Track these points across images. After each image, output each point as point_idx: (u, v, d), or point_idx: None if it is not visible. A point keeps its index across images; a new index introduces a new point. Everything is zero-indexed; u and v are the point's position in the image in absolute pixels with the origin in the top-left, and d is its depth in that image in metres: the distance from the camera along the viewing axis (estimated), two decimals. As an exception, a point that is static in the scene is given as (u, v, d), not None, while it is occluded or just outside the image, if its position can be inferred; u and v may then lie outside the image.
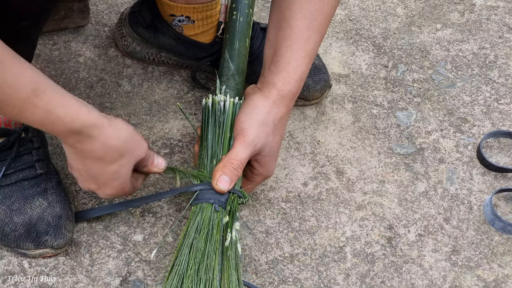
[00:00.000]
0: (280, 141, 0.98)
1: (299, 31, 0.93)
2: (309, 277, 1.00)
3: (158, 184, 1.09)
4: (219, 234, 0.90)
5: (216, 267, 0.87)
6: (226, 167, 0.92)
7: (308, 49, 0.94)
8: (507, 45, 1.39)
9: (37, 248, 0.96)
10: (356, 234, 1.06)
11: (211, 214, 0.91)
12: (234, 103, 0.98)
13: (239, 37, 1.05)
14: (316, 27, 0.93)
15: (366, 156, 1.17)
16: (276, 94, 0.94)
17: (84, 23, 1.32)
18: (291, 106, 0.97)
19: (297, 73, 0.94)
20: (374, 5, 1.46)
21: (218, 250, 0.88)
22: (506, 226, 1.06)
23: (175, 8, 1.17)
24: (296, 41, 0.93)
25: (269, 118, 0.94)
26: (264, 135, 0.94)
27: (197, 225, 0.90)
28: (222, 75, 1.03)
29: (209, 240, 0.89)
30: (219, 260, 0.88)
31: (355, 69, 1.31)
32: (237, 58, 1.04)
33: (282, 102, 0.95)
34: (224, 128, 0.97)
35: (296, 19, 0.93)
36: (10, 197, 0.97)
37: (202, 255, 0.88)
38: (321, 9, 0.93)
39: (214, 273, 0.86)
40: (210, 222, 0.90)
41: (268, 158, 0.96)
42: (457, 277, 1.02)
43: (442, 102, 1.27)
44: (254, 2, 1.10)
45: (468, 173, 1.15)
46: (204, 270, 0.87)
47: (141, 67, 1.26)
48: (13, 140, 0.99)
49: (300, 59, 0.94)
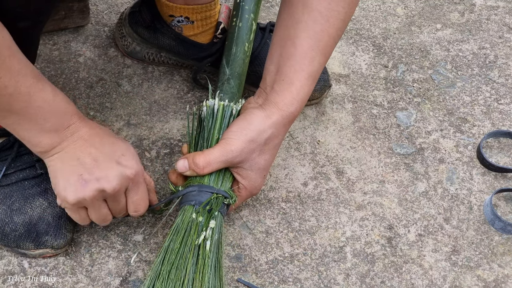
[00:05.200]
0: (271, 160, 0.96)
1: (303, 51, 0.92)
2: (309, 277, 1.00)
3: (158, 184, 1.09)
4: (196, 234, 0.90)
5: (189, 267, 0.87)
6: (191, 157, 0.93)
7: (311, 71, 0.93)
8: (507, 45, 1.39)
9: (37, 248, 0.96)
10: (356, 234, 1.06)
11: (191, 215, 0.91)
12: (224, 106, 0.98)
13: (237, 42, 1.06)
14: (320, 49, 0.92)
15: (366, 156, 1.17)
16: (277, 115, 0.93)
17: (84, 23, 1.32)
18: (290, 126, 0.96)
19: (300, 95, 0.93)
20: (374, 5, 1.46)
21: (193, 250, 0.89)
22: (506, 226, 1.06)
23: (174, 8, 1.17)
24: (300, 61, 0.92)
25: (261, 137, 0.93)
26: (248, 151, 0.93)
27: (176, 227, 0.91)
28: (219, 81, 1.04)
29: (185, 241, 0.89)
30: (194, 260, 0.88)
31: (355, 69, 1.31)
32: (233, 63, 1.05)
33: (281, 123, 0.94)
34: (212, 130, 0.97)
35: (301, 38, 0.92)
36: (11, 197, 0.97)
37: (176, 256, 0.88)
38: (326, 30, 0.92)
39: (187, 273, 0.87)
40: (189, 223, 0.91)
41: (249, 172, 0.95)
42: (457, 277, 1.02)
43: (442, 102, 1.27)
44: (258, 7, 1.10)
45: (468, 173, 1.15)
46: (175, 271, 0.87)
47: (141, 67, 1.26)
48: (14, 140, 0.99)
49: (303, 80, 0.93)
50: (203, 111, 0.98)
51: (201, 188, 0.93)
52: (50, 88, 0.83)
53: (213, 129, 0.97)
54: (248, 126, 0.93)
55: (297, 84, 0.93)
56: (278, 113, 0.93)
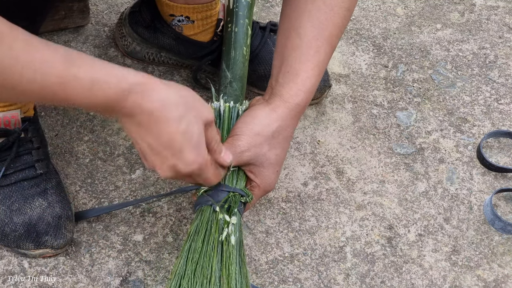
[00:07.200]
0: (282, 154, 0.93)
1: (308, 41, 0.90)
2: (309, 277, 1.00)
3: (158, 184, 1.09)
4: (217, 232, 0.90)
5: (214, 265, 0.87)
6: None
7: (317, 60, 0.90)
8: (507, 45, 1.39)
9: (37, 248, 0.96)
10: (356, 234, 1.06)
11: (210, 215, 0.91)
12: (230, 107, 0.98)
13: (235, 46, 1.06)
14: (326, 38, 0.90)
15: (366, 156, 1.17)
16: (283, 107, 0.91)
17: (84, 23, 1.32)
18: (298, 118, 0.93)
19: (306, 85, 0.90)
20: (374, 5, 1.46)
21: (217, 247, 0.89)
22: (506, 226, 1.06)
23: (175, 8, 1.17)
24: (305, 51, 0.90)
25: (268, 130, 0.90)
26: (256, 145, 0.90)
27: (196, 227, 0.91)
28: (221, 85, 1.04)
29: (207, 240, 0.89)
30: (219, 258, 0.88)
31: (355, 69, 1.31)
32: (234, 66, 1.05)
33: (288, 115, 0.91)
34: (221, 131, 0.97)
35: (306, 28, 0.90)
36: (10, 198, 0.97)
37: (200, 255, 0.88)
38: (331, 19, 0.90)
39: (213, 271, 0.87)
40: (209, 222, 0.91)
41: (262, 169, 0.93)
42: (457, 277, 1.02)
43: (442, 102, 1.27)
44: (252, 12, 1.10)
45: (468, 173, 1.15)
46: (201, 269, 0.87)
47: (141, 67, 1.26)
48: (13, 140, 0.98)
49: (309, 70, 0.90)
50: None
51: (218, 187, 0.93)
52: (87, 75, 0.71)
53: (221, 130, 0.97)
54: (252, 121, 0.91)
55: (302, 75, 0.90)
56: (283, 105, 0.90)
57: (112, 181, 1.08)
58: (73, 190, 1.07)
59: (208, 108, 0.81)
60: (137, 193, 1.07)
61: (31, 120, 1.01)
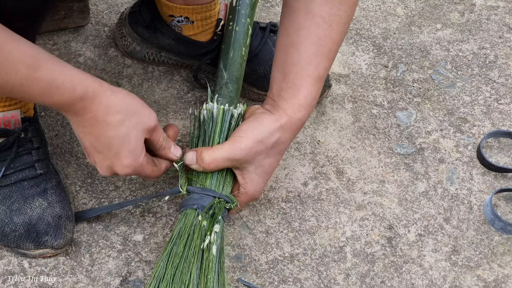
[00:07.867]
0: (274, 165, 0.97)
1: (308, 57, 0.93)
2: (309, 277, 1.00)
3: (158, 184, 1.09)
4: (199, 238, 0.90)
5: (193, 272, 0.87)
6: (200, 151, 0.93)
7: (317, 76, 0.94)
8: (507, 45, 1.39)
9: (37, 248, 0.96)
10: (356, 234, 1.06)
11: (194, 219, 0.91)
12: (224, 110, 0.98)
13: (234, 46, 1.06)
14: (325, 54, 0.93)
15: (366, 156, 1.17)
16: (286, 120, 0.94)
17: (84, 23, 1.32)
18: (297, 133, 0.97)
19: (307, 101, 0.94)
20: (374, 5, 1.46)
21: (197, 254, 0.89)
22: (506, 226, 1.06)
23: (174, 9, 1.17)
24: (306, 67, 0.93)
25: (270, 139, 0.93)
26: (256, 151, 0.93)
27: (179, 231, 0.91)
28: (217, 85, 1.04)
29: (189, 245, 0.89)
30: (198, 265, 0.89)
31: (355, 69, 1.31)
32: (231, 67, 1.05)
33: (289, 129, 0.95)
34: (212, 134, 0.97)
35: (305, 44, 0.92)
36: (10, 198, 0.97)
37: (180, 260, 0.88)
38: (329, 35, 0.92)
39: (191, 277, 0.87)
40: (192, 227, 0.91)
41: (253, 175, 0.95)
42: (457, 277, 1.02)
43: (442, 102, 1.27)
44: (253, 12, 1.10)
45: (468, 173, 1.15)
46: (180, 275, 0.87)
47: (141, 67, 1.26)
48: (13, 140, 0.98)
49: (309, 86, 0.94)
50: (203, 114, 0.98)
51: (204, 192, 0.93)
52: (47, 78, 0.78)
53: (213, 133, 0.97)
54: (258, 126, 0.93)
55: (303, 91, 0.94)
56: (286, 118, 0.94)
57: (112, 181, 1.09)
58: (73, 190, 1.07)
59: (151, 114, 0.88)
60: (137, 193, 1.07)
61: (31, 120, 1.01)
